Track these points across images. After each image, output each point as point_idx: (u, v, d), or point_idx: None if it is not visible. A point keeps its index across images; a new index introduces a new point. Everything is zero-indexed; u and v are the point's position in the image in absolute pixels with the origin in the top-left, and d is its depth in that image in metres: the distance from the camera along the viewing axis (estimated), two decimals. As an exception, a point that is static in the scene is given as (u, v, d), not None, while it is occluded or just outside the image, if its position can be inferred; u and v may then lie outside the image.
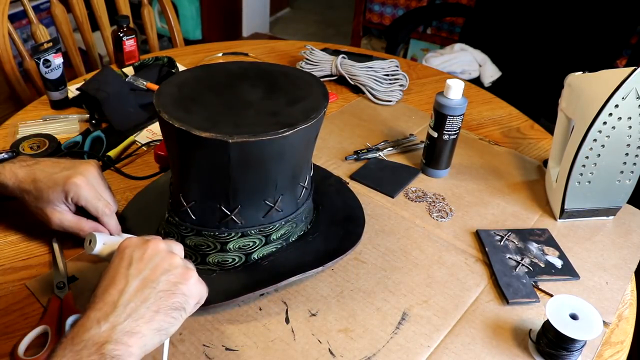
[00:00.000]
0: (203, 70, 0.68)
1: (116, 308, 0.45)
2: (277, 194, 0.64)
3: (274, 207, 0.64)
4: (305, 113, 0.60)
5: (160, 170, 0.87)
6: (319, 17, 3.69)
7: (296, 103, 0.62)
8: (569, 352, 0.59)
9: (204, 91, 0.64)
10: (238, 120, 0.58)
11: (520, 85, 1.86)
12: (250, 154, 0.57)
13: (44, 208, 0.66)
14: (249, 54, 1.29)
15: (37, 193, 0.65)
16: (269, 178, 0.61)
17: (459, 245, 0.76)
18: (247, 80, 0.67)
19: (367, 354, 0.60)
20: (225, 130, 0.55)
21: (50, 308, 0.62)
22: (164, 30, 2.48)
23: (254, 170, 0.60)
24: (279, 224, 0.66)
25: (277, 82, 0.67)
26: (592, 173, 0.76)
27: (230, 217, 0.62)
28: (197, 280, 0.52)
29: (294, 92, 0.65)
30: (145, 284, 0.48)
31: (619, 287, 0.71)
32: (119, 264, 0.49)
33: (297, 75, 0.69)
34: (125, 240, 0.53)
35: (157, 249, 0.51)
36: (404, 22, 1.90)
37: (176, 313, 0.48)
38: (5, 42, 1.19)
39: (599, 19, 1.81)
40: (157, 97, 0.60)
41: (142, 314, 0.46)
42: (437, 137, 0.85)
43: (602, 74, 0.74)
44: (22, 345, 0.58)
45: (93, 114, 0.97)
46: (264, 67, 0.71)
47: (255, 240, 0.65)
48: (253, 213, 0.63)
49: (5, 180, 0.66)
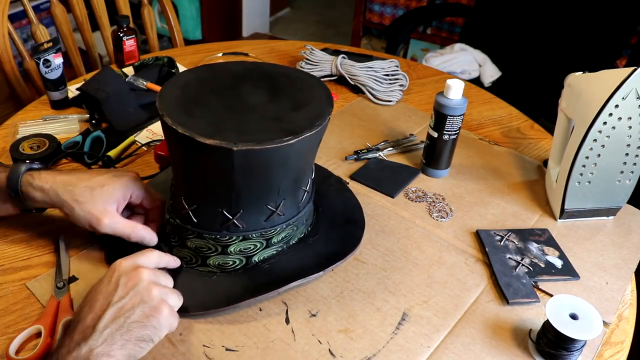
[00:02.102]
0: (205, 71, 0.67)
1: (94, 332, 0.50)
2: (280, 199, 0.64)
3: (275, 211, 0.64)
4: (310, 120, 0.59)
5: (160, 170, 0.87)
6: (319, 17, 3.69)
7: (300, 108, 0.62)
8: (569, 352, 0.59)
9: (207, 93, 0.63)
10: (242, 126, 0.58)
11: (520, 85, 1.86)
12: (254, 161, 0.57)
13: (92, 210, 0.62)
14: (249, 54, 1.29)
15: (86, 193, 0.62)
16: (272, 184, 0.61)
17: (459, 245, 0.76)
18: (250, 82, 0.66)
19: (367, 354, 0.60)
20: (229, 137, 0.55)
21: (47, 308, 0.62)
22: (164, 30, 2.49)
23: (258, 177, 0.59)
24: (280, 228, 0.66)
25: (281, 84, 0.66)
26: (592, 173, 0.76)
27: (231, 222, 0.62)
28: (169, 314, 0.55)
29: (297, 95, 0.64)
30: (121, 312, 0.52)
31: (619, 287, 0.71)
32: (104, 288, 0.54)
33: (300, 77, 0.68)
34: (117, 263, 0.56)
35: (141, 278, 0.55)
36: (404, 22, 1.90)
37: (144, 344, 0.52)
38: (5, 42, 1.19)
39: (599, 19, 1.81)
40: (160, 100, 0.60)
41: (116, 340, 0.50)
42: (437, 137, 0.85)
43: (602, 74, 0.74)
44: (13, 345, 0.57)
45: (93, 114, 0.97)
46: (267, 68, 0.70)
47: (256, 244, 0.65)
48: (255, 217, 0.63)
49: (41, 183, 0.63)
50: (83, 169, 0.86)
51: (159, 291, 0.55)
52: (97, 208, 0.62)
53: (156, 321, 0.53)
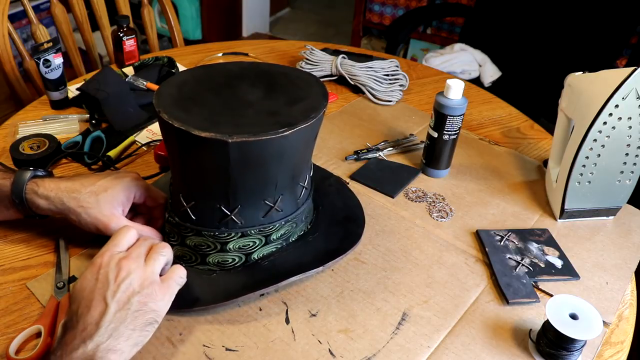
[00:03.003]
0: (203, 71, 0.68)
1: (99, 328, 0.50)
2: (277, 194, 0.64)
3: (273, 207, 0.64)
4: (305, 113, 0.60)
5: (161, 170, 0.87)
6: (319, 17, 3.69)
7: (296, 103, 0.62)
8: (569, 352, 0.59)
9: (204, 91, 0.64)
10: (238, 120, 0.59)
11: (520, 85, 1.86)
12: (249, 154, 0.57)
13: (98, 215, 0.63)
14: (249, 54, 1.29)
15: (91, 198, 0.63)
16: (268, 178, 0.61)
17: (459, 245, 0.76)
18: (247, 80, 0.67)
19: (367, 354, 0.60)
20: (224, 130, 0.55)
21: (47, 308, 0.62)
22: (164, 30, 2.49)
23: (254, 170, 0.60)
24: (279, 224, 0.66)
25: (277, 82, 0.67)
26: (592, 173, 0.76)
27: (230, 217, 0.62)
28: (160, 290, 0.56)
29: (293, 92, 0.65)
30: (121, 306, 0.52)
31: (619, 287, 0.71)
32: (95, 286, 0.53)
33: (296, 75, 0.69)
34: (99, 257, 0.56)
35: (129, 269, 0.55)
36: (404, 22, 1.90)
37: (149, 327, 0.54)
38: (5, 42, 1.20)
39: (599, 19, 1.81)
40: (157, 98, 0.60)
41: (121, 333, 0.51)
42: (437, 137, 0.85)
43: (602, 74, 0.74)
44: (13, 345, 0.57)
45: (93, 114, 0.97)
46: (264, 67, 0.71)
47: (255, 240, 0.65)
48: (253, 213, 0.63)
49: (46, 192, 0.63)
50: (83, 171, 0.86)
51: (145, 272, 0.55)
52: (104, 213, 0.63)
53: (154, 304, 0.54)
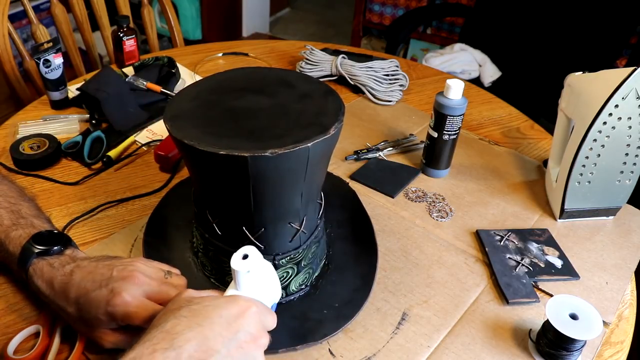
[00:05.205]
0: (213, 83, 0.65)
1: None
2: (302, 214, 0.61)
3: (300, 229, 0.61)
4: (322, 127, 0.57)
5: (160, 170, 0.87)
6: (319, 17, 3.69)
7: (312, 117, 0.60)
8: (568, 352, 0.59)
9: (217, 107, 0.61)
10: (254, 136, 0.56)
11: (520, 85, 1.86)
12: (268, 170, 0.55)
13: (89, 332, 0.56)
14: (249, 54, 1.29)
15: (78, 314, 0.55)
16: (289, 196, 0.59)
17: (459, 245, 0.76)
18: (261, 93, 0.64)
19: (367, 354, 0.60)
20: (242, 146, 0.53)
21: (47, 309, 0.61)
22: (164, 30, 2.48)
23: (273, 188, 0.57)
24: (306, 246, 0.63)
25: (293, 93, 0.64)
26: (592, 173, 0.76)
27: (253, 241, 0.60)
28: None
29: (309, 105, 0.62)
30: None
31: (619, 287, 0.71)
32: (223, 330, 0.47)
33: (311, 86, 0.65)
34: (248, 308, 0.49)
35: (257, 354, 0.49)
36: (404, 22, 1.90)
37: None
38: (5, 42, 1.20)
39: (599, 19, 1.81)
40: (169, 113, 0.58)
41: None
42: (437, 137, 0.85)
43: (602, 74, 0.74)
44: (11, 344, 0.57)
45: (93, 114, 0.97)
46: (279, 75, 0.67)
47: (288, 271, 0.63)
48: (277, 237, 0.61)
49: (43, 288, 0.57)
50: (83, 171, 0.86)
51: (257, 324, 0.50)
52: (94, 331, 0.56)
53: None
